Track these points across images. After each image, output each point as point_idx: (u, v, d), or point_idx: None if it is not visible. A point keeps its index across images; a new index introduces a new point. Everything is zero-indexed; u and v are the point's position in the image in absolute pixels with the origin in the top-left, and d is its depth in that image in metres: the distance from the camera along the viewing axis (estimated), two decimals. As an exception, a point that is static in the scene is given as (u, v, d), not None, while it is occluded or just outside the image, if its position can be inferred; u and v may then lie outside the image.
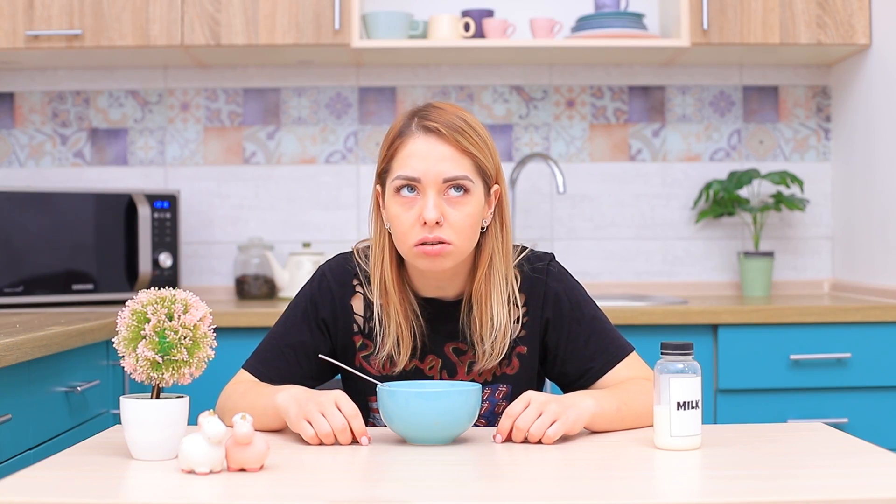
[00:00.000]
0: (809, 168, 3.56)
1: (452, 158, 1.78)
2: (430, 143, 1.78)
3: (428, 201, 1.76)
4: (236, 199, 3.54)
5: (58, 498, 1.36)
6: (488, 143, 1.83)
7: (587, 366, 1.89)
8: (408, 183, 1.78)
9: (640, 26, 3.28)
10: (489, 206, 1.84)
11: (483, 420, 1.88)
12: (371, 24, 3.24)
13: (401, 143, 1.80)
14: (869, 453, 1.58)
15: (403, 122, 1.82)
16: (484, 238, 1.85)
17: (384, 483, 1.49)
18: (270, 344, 1.93)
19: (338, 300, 1.90)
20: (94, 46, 3.14)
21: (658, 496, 1.43)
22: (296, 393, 1.71)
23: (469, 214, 1.79)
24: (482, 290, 1.85)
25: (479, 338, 1.85)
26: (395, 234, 1.81)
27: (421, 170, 1.77)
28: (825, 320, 2.91)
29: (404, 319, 1.85)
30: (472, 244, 1.82)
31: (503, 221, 1.86)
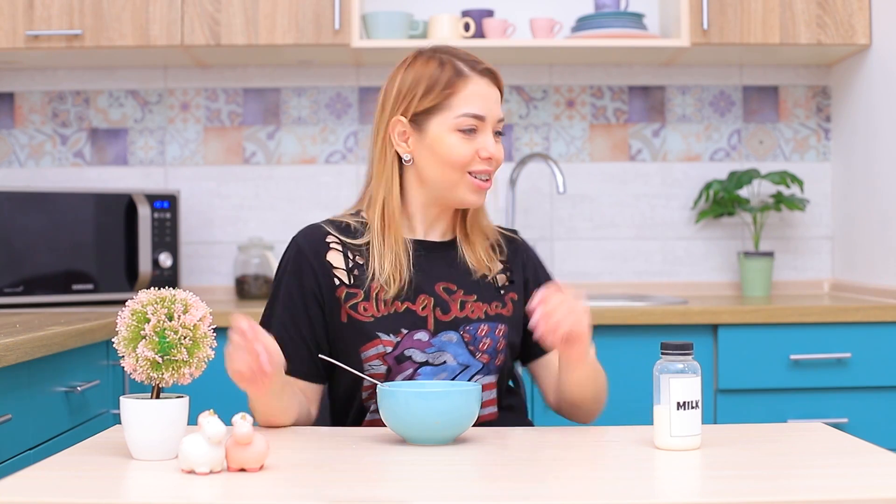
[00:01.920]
0: (809, 168, 3.56)
1: (499, 102, 1.97)
2: (489, 86, 1.95)
3: (489, 139, 1.93)
4: (236, 199, 3.54)
5: (58, 498, 1.36)
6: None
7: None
8: (473, 121, 1.91)
9: (640, 26, 3.28)
10: None
11: (487, 356, 1.93)
12: (371, 24, 3.24)
13: (461, 84, 1.92)
14: (869, 453, 1.58)
15: (451, 66, 1.93)
16: None
17: (384, 483, 1.49)
18: (285, 335, 1.92)
19: (317, 265, 1.95)
20: (94, 46, 3.14)
21: (658, 496, 1.43)
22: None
23: (502, 149, 1.98)
24: (472, 229, 2.00)
25: (468, 275, 1.97)
26: (451, 163, 1.92)
27: (485, 109, 1.93)
28: (825, 320, 2.91)
29: (403, 252, 1.93)
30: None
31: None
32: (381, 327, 1.91)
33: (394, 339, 1.90)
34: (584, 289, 1.94)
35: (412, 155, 1.95)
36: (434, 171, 1.94)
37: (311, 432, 1.85)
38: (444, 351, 1.91)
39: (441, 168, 1.93)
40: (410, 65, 1.96)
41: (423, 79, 1.93)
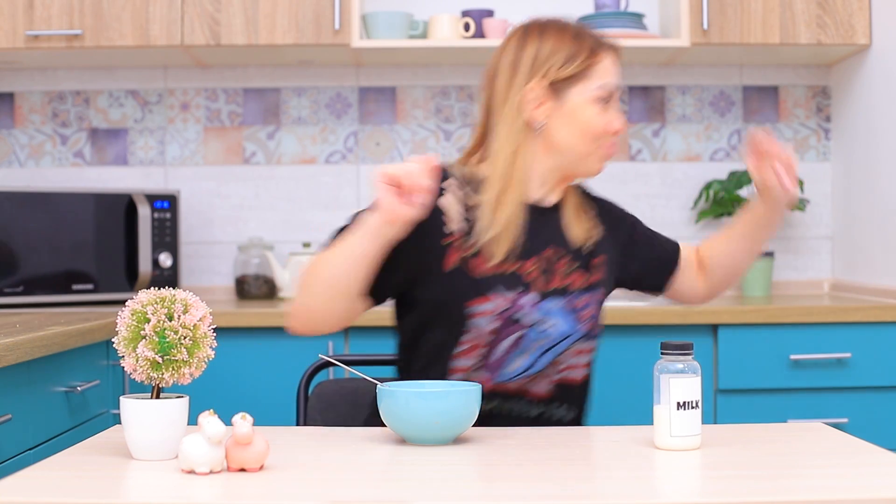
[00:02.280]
0: (809, 168, 3.56)
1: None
2: (614, 59, 1.99)
3: (617, 112, 1.98)
4: (236, 199, 3.54)
5: (58, 498, 1.36)
6: None
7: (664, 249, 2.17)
8: (609, 92, 1.96)
9: (640, 26, 3.28)
10: None
11: (589, 324, 1.95)
12: (371, 24, 3.24)
13: (601, 55, 1.96)
14: (869, 453, 1.58)
15: (587, 38, 1.97)
16: None
17: (384, 483, 1.49)
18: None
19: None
20: (94, 46, 3.14)
21: (658, 496, 1.43)
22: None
23: None
24: (575, 195, 2.04)
25: (572, 242, 1.98)
26: (587, 133, 1.95)
27: (615, 84, 1.98)
28: (825, 320, 2.91)
29: (519, 213, 1.92)
30: None
31: None
32: (494, 284, 1.88)
33: (509, 296, 1.88)
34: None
35: (547, 122, 1.95)
36: (569, 139, 1.95)
37: (312, 432, 1.85)
38: (549, 317, 1.90)
39: (578, 137, 1.95)
40: (542, 34, 1.96)
41: (563, 48, 1.95)
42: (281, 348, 2.90)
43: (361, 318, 2.93)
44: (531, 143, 1.95)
